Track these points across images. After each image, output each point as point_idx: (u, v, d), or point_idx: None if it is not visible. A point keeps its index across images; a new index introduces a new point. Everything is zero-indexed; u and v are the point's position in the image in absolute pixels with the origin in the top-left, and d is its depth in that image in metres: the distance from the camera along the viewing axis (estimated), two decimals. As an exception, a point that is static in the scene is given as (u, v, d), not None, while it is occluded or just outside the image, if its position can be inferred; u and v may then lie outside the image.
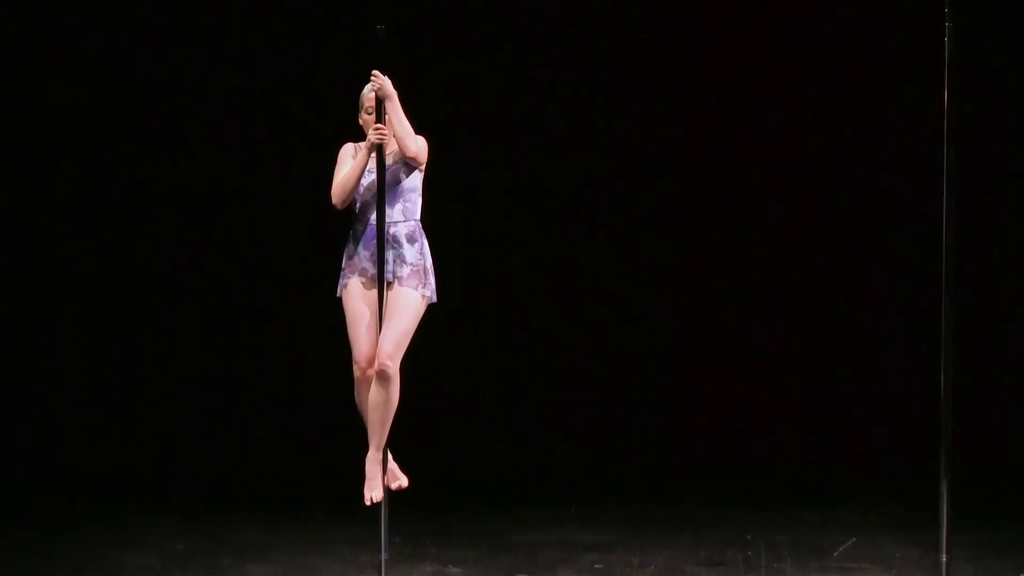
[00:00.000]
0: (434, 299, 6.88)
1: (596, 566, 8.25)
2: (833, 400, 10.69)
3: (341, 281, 6.88)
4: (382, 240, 6.71)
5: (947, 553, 7.02)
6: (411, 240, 6.80)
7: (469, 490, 10.26)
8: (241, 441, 10.69)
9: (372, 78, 6.69)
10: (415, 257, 6.79)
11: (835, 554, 8.47)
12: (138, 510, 9.64)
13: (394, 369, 6.72)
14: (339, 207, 6.86)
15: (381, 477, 6.82)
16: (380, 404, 6.74)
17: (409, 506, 8.93)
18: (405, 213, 6.80)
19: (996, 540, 8.76)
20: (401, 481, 6.97)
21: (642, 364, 10.75)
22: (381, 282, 6.74)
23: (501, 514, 9.56)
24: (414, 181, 6.83)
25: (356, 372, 6.84)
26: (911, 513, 9.29)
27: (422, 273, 6.80)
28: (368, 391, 6.81)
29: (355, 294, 6.83)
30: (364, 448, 6.91)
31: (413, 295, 6.77)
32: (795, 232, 10.69)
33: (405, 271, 6.77)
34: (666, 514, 9.53)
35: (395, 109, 6.71)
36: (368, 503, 6.83)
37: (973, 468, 9.75)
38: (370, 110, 6.79)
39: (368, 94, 6.79)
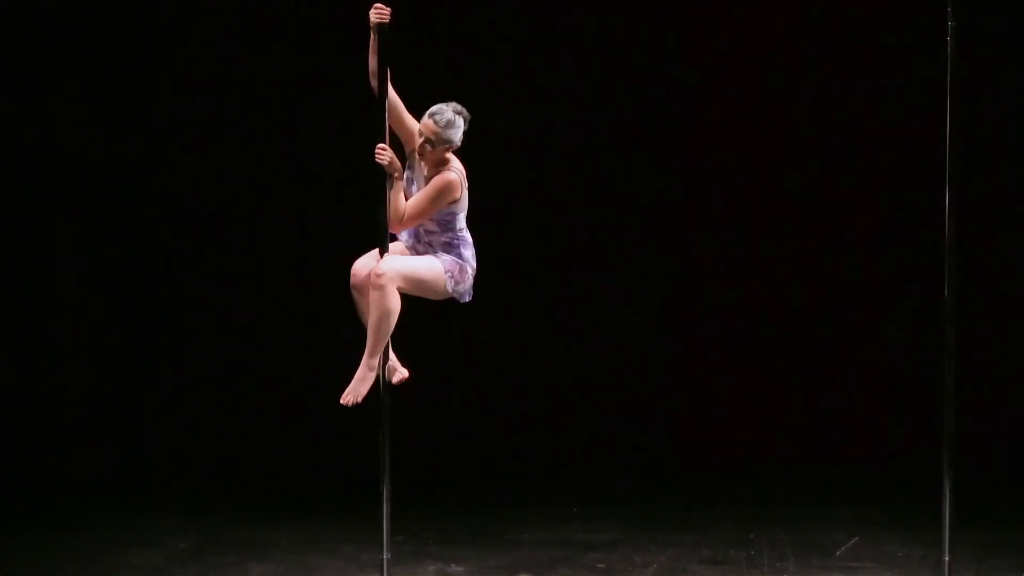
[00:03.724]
0: (463, 300, 6.99)
1: (598, 565, 8.26)
2: (836, 399, 10.68)
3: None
4: (385, 244, 6.79)
5: (949, 552, 7.02)
6: (449, 248, 6.93)
7: (471, 489, 10.26)
8: (244, 440, 10.69)
9: (378, 152, 6.74)
10: (452, 260, 6.93)
11: (838, 553, 8.47)
12: (141, 508, 9.65)
13: (386, 280, 6.72)
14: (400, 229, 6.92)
15: (365, 388, 6.83)
16: (373, 308, 6.76)
17: (411, 505, 8.95)
18: (443, 225, 6.92)
19: (998, 539, 8.76)
20: (402, 372, 6.99)
21: (644, 362, 10.75)
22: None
23: (503, 513, 9.56)
24: (449, 208, 6.90)
25: (351, 271, 6.91)
26: (914, 512, 9.29)
27: (457, 272, 6.91)
28: (358, 299, 6.87)
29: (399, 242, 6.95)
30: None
31: (437, 263, 6.87)
32: (798, 230, 10.68)
33: (446, 259, 6.91)
34: (668, 513, 9.53)
35: (396, 188, 6.79)
36: (342, 403, 6.85)
37: (976, 467, 9.76)
38: (432, 143, 6.80)
39: (425, 123, 6.80)
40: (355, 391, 6.85)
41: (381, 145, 6.77)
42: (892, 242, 10.60)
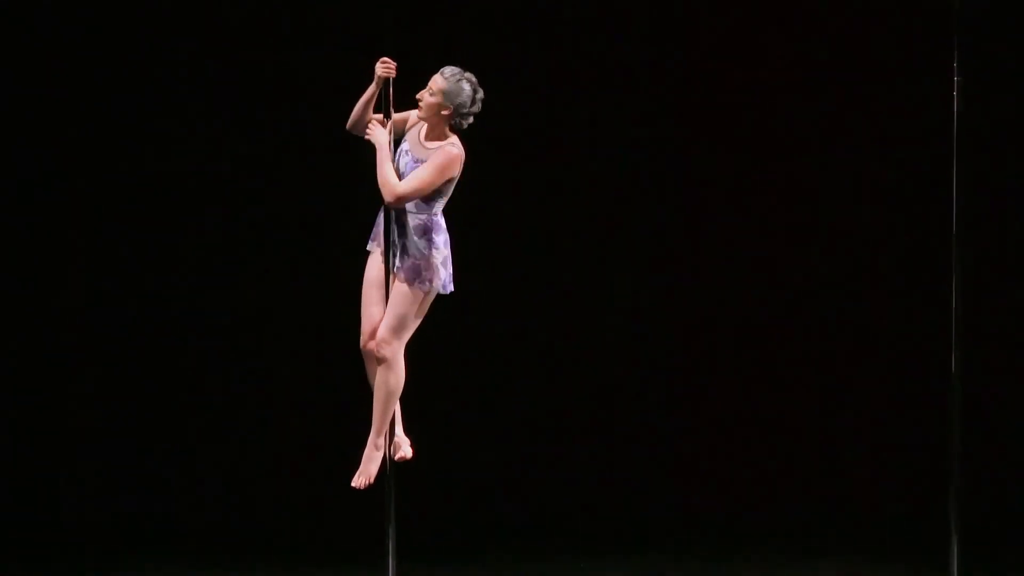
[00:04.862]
0: (444, 291, 6.85)
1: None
2: (841, 453, 10.63)
3: (370, 243, 6.93)
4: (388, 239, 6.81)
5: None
6: (422, 232, 6.81)
7: (478, 542, 10.22)
8: (248, 490, 10.63)
9: (369, 128, 6.79)
10: (417, 251, 6.79)
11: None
12: (144, 559, 9.62)
13: (390, 353, 6.77)
14: (348, 128, 6.88)
15: (375, 468, 6.85)
16: (380, 386, 6.81)
17: (418, 553, 8.92)
18: (417, 206, 6.80)
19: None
20: (404, 452, 6.93)
21: (649, 415, 10.70)
22: (388, 267, 6.80)
23: (509, 564, 9.53)
24: (440, 188, 6.83)
25: (360, 343, 6.92)
26: (921, 568, 9.25)
27: (422, 268, 6.79)
28: (370, 366, 6.89)
29: (374, 265, 6.89)
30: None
31: (404, 288, 6.79)
32: (801, 285, 10.65)
33: (406, 263, 6.79)
34: (675, 567, 9.49)
35: (380, 157, 6.77)
36: (353, 486, 6.88)
37: (983, 521, 9.70)
38: (431, 91, 6.80)
39: (434, 79, 6.81)
40: (365, 472, 6.85)
41: (386, 60, 6.76)
42: (896, 286, 10.56)
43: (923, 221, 10.43)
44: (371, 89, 6.79)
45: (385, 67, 6.76)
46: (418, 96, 6.84)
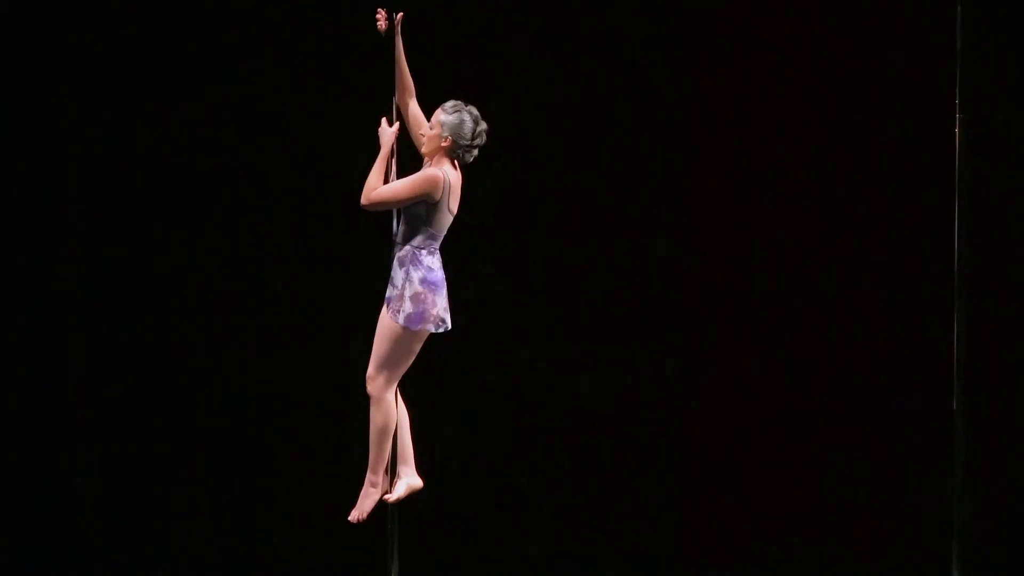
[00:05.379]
0: (414, 327, 6.80)
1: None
2: (841, 495, 10.56)
3: None
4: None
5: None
6: (401, 263, 6.84)
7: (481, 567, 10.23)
8: (250, 533, 10.60)
9: (380, 130, 6.83)
10: (397, 281, 6.82)
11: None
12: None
13: (374, 389, 6.82)
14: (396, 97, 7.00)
15: (369, 504, 6.90)
16: (371, 424, 6.87)
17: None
18: (404, 235, 6.87)
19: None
20: (390, 495, 6.95)
21: (654, 446, 10.67)
22: None
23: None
24: (415, 209, 6.82)
25: None
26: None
27: (394, 299, 6.82)
28: None
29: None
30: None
31: (386, 320, 6.83)
32: (803, 340, 10.62)
33: (388, 292, 6.85)
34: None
35: (377, 160, 6.81)
36: (349, 520, 6.94)
37: (984, 563, 9.67)
38: (431, 126, 6.84)
39: (436, 113, 6.85)
40: (360, 508, 6.90)
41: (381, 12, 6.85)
42: (899, 358, 10.51)
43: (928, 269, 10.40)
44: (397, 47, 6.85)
45: (378, 20, 6.81)
46: (421, 131, 6.86)
